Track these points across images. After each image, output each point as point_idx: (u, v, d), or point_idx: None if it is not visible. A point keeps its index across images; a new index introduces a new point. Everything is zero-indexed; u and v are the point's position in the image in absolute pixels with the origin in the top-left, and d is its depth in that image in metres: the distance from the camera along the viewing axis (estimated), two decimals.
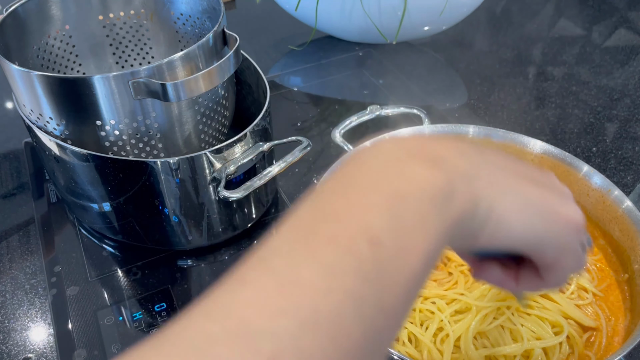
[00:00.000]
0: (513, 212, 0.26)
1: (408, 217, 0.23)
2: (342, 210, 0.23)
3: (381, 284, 0.21)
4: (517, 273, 0.32)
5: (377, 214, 0.22)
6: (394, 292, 0.22)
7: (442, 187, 0.24)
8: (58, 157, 0.53)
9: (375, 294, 0.21)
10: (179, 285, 0.56)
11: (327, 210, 0.23)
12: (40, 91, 0.49)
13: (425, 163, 0.24)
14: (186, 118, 0.54)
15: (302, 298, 0.20)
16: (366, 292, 0.21)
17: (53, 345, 0.51)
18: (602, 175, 0.53)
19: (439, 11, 0.85)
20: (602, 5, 1.08)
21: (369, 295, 0.21)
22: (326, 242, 0.22)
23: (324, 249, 0.21)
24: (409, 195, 0.23)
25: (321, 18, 0.89)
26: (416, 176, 0.24)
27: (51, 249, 0.60)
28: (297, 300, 0.20)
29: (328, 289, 0.20)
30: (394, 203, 0.23)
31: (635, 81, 0.86)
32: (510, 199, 0.26)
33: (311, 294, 0.20)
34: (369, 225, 0.22)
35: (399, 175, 0.24)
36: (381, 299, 0.21)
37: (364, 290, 0.21)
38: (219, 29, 0.54)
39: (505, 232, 0.26)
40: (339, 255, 0.21)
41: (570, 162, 0.56)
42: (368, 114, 0.64)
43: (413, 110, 0.64)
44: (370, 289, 0.21)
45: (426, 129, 0.61)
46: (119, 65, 0.69)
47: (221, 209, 0.56)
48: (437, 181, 0.24)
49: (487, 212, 0.26)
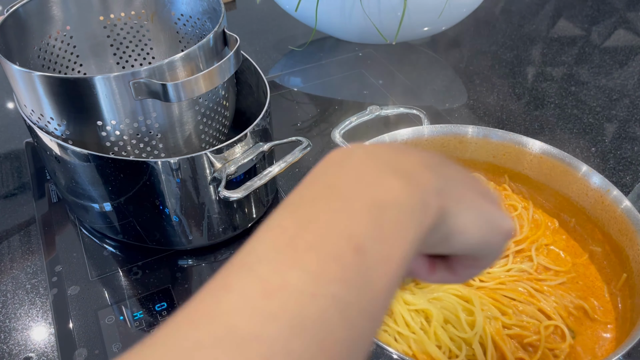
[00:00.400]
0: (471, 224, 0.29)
1: (389, 227, 0.24)
2: (325, 217, 0.23)
3: (364, 289, 0.22)
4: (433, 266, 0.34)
5: (360, 222, 0.23)
6: (375, 296, 0.23)
7: (417, 201, 0.26)
8: (59, 157, 0.53)
9: (359, 299, 0.22)
10: (180, 285, 0.56)
11: (310, 217, 0.24)
12: (41, 91, 0.49)
13: (399, 176, 0.26)
14: (187, 118, 0.55)
15: (290, 303, 0.21)
16: (351, 297, 0.22)
17: (54, 344, 0.52)
18: (601, 175, 0.54)
19: (438, 11, 0.85)
20: (601, 6, 1.08)
21: (353, 301, 0.22)
22: (310, 248, 0.22)
23: (309, 256, 0.22)
24: (388, 205, 0.24)
25: (321, 18, 0.89)
26: (393, 188, 0.25)
27: (52, 248, 0.61)
28: (285, 306, 0.20)
29: (314, 294, 0.21)
30: (375, 212, 0.24)
31: (634, 81, 0.86)
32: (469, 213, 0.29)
33: (299, 299, 0.21)
34: (353, 233, 0.23)
35: (376, 186, 0.25)
36: (364, 303, 0.22)
37: (348, 296, 0.22)
38: (219, 30, 0.54)
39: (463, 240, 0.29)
40: (324, 262, 0.22)
41: (569, 162, 0.56)
42: (368, 114, 0.64)
43: (412, 111, 0.64)
44: (354, 295, 0.22)
45: (425, 129, 0.61)
46: (119, 65, 0.69)
47: (221, 209, 0.56)
48: (413, 195, 0.25)
49: (451, 223, 0.28)
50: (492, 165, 0.61)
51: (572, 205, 0.56)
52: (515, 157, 0.60)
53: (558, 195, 0.57)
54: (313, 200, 0.25)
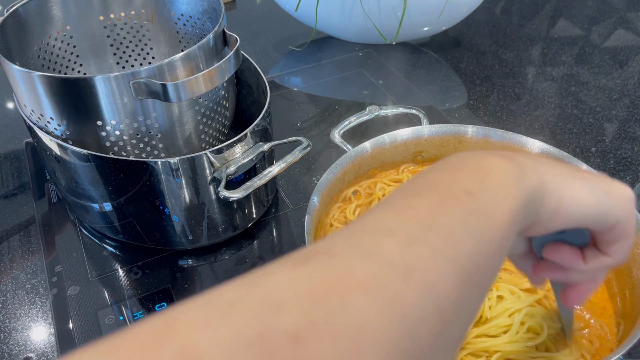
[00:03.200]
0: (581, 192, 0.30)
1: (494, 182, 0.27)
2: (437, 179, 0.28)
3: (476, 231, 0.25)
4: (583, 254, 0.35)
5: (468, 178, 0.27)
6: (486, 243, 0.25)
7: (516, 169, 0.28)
8: (59, 157, 0.53)
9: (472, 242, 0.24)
10: (180, 285, 0.56)
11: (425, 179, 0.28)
12: (41, 91, 0.49)
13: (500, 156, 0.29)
14: (187, 118, 0.55)
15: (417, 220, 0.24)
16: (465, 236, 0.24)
17: (54, 344, 0.52)
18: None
19: (438, 11, 0.85)
20: (601, 6, 1.08)
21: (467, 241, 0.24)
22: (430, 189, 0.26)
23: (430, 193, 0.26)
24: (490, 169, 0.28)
25: (321, 18, 0.89)
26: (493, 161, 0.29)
27: (52, 248, 0.61)
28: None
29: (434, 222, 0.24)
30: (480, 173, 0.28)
31: (634, 81, 0.86)
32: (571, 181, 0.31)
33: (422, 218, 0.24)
34: (463, 184, 0.27)
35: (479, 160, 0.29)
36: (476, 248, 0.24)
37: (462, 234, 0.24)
38: (219, 30, 0.54)
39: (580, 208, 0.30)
40: (443, 197, 0.26)
41: (568, 161, 0.56)
42: (367, 114, 0.64)
43: (412, 111, 0.64)
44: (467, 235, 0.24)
45: (425, 129, 0.61)
46: (119, 65, 0.69)
47: (221, 209, 0.56)
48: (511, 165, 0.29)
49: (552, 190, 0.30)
50: None
51: None
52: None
53: None
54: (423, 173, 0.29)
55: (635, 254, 0.49)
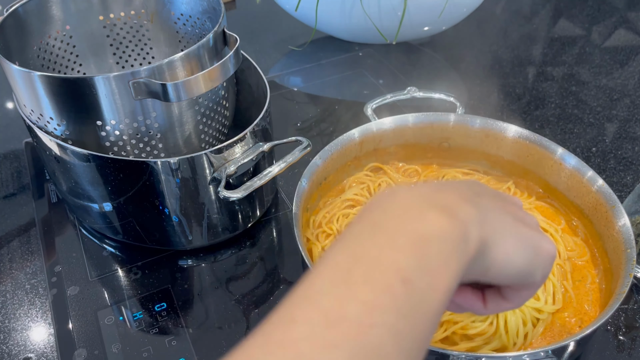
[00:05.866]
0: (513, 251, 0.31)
1: (434, 258, 0.26)
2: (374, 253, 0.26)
3: (414, 318, 0.25)
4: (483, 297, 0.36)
5: (406, 255, 0.26)
6: (424, 324, 0.25)
7: (459, 233, 0.27)
8: (58, 157, 0.53)
9: (410, 328, 0.24)
10: (180, 285, 0.56)
11: (360, 253, 0.26)
12: (41, 91, 0.49)
13: (440, 211, 0.28)
14: (186, 118, 0.54)
15: (351, 333, 0.23)
16: (403, 326, 0.24)
17: (53, 345, 0.51)
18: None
19: (438, 11, 0.85)
20: (601, 6, 1.08)
21: (405, 329, 0.24)
22: (364, 282, 0.25)
23: (363, 289, 0.24)
24: (432, 238, 0.26)
25: (321, 18, 0.89)
26: (435, 222, 0.27)
27: (52, 249, 0.60)
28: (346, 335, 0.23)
29: (371, 324, 0.23)
30: (420, 245, 0.26)
31: (634, 81, 0.86)
32: (510, 241, 0.31)
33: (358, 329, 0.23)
34: (400, 266, 0.25)
35: (420, 220, 0.27)
36: (415, 331, 0.24)
37: (400, 325, 0.24)
38: (219, 29, 0.54)
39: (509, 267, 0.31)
40: (377, 294, 0.24)
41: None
42: (405, 93, 0.66)
43: (450, 98, 0.65)
44: (406, 324, 0.24)
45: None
46: (119, 65, 0.69)
47: (221, 209, 0.56)
48: (455, 228, 0.27)
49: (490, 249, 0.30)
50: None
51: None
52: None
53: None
54: (362, 237, 0.27)
55: None
